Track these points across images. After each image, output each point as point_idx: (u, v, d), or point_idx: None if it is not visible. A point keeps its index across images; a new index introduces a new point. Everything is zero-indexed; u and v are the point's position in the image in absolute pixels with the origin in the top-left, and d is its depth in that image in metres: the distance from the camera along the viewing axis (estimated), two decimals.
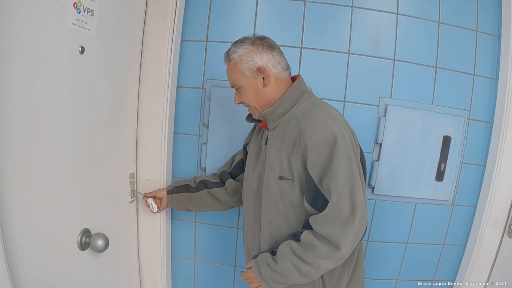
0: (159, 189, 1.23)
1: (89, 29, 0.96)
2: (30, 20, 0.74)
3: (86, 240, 0.99)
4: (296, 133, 0.88)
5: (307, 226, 0.87)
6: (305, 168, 0.87)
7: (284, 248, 0.88)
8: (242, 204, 1.13)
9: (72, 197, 0.93)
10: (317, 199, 0.85)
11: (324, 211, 0.82)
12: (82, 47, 0.94)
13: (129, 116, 1.21)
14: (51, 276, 0.87)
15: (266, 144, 0.97)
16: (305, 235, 0.85)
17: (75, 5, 0.90)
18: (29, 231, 0.78)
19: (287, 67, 0.97)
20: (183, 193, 1.18)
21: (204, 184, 1.17)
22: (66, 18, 0.86)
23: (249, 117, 1.04)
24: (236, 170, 1.17)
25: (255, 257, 0.97)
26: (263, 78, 0.93)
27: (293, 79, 0.99)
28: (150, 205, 1.20)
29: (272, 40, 0.98)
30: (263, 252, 0.97)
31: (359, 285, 1.03)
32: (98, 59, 0.99)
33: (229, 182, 1.15)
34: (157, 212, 1.21)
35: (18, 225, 0.74)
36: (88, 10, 0.95)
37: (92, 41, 0.97)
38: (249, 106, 0.98)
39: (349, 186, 0.82)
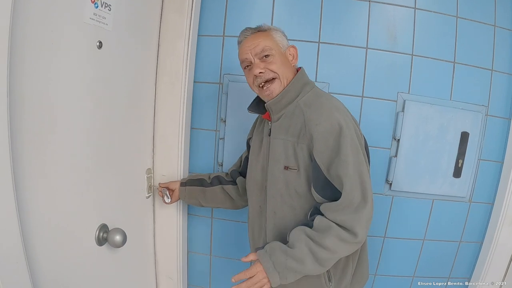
0: (173, 181, 1.23)
1: (106, 24, 0.96)
2: (49, 14, 0.73)
3: (104, 236, 0.99)
4: (301, 122, 0.88)
5: (317, 213, 0.85)
6: (311, 158, 0.87)
7: (298, 233, 0.84)
8: None
9: (89, 192, 0.93)
10: (326, 188, 0.85)
11: (338, 200, 0.82)
12: (100, 42, 0.94)
13: (146, 111, 1.21)
14: (68, 271, 0.87)
15: (269, 135, 0.96)
16: (319, 220, 0.83)
17: (93, 0, 0.90)
18: (47, 226, 0.78)
19: None
20: (196, 187, 1.18)
21: (218, 180, 1.17)
22: (84, 12, 0.85)
23: (252, 107, 1.03)
24: (245, 168, 1.16)
25: (259, 248, 0.88)
26: (292, 56, 0.98)
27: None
28: (164, 195, 1.20)
29: None
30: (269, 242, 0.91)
31: (364, 278, 1.01)
32: (115, 54, 0.99)
33: (240, 179, 1.15)
34: (169, 203, 1.21)
35: (37, 220, 0.74)
36: (106, 5, 0.95)
37: (110, 36, 0.96)
38: (266, 78, 0.93)
39: (358, 173, 0.82)
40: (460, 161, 1.32)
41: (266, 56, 0.93)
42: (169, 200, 1.20)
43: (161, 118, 1.23)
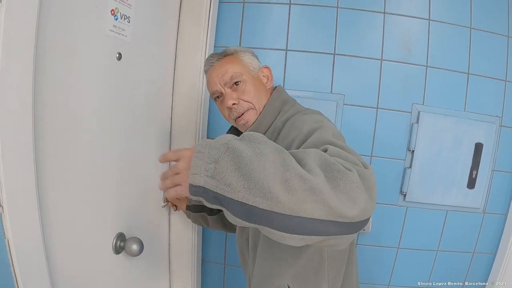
0: (181, 201, 1.19)
1: (125, 36, 0.97)
2: (71, 27, 0.75)
3: (121, 244, 1.00)
4: (279, 143, 0.76)
5: None
6: None
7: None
8: None
9: (108, 201, 0.95)
10: None
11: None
12: (119, 54, 0.95)
13: (163, 121, 1.22)
14: (86, 278, 0.88)
15: None
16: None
17: (113, 12, 0.92)
18: (66, 234, 0.79)
19: None
20: (199, 213, 1.15)
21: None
22: (104, 25, 0.87)
23: (231, 132, 0.96)
24: None
25: None
26: (267, 78, 0.91)
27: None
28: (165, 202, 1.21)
29: None
30: None
31: None
32: (134, 65, 1.01)
33: None
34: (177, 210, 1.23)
35: (57, 228, 0.75)
36: (125, 17, 0.97)
37: (129, 47, 0.98)
38: (241, 111, 0.85)
39: (345, 146, 0.62)
40: (474, 172, 1.32)
41: (237, 83, 0.85)
42: (165, 204, 1.21)
43: (178, 129, 1.24)
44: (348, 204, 0.48)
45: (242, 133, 0.82)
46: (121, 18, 0.95)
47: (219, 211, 1.11)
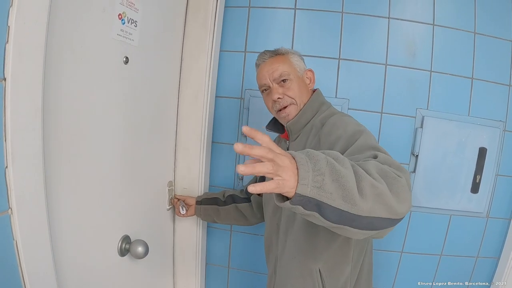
0: (190, 196, 1.25)
1: (132, 40, 0.98)
2: (79, 31, 0.76)
3: (126, 247, 1.01)
4: (317, 140, 0.89)
5: None
6: None
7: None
8: (264, 220, 1.11)
9: (114, 204, 0.95)
10: None
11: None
12: (126, 57, 0.96)
13: (169, 124, 1.23)
14: (91, 280, 0.89)
15: None
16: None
17: (120, 16, 0.92)
18: (73, 236, 0.80)
19: None
20: (211, 205, 1.20)
21: (232, 198, 1.19)
22: (112, 29, 0.88)
23: (270, 126, 1.06)
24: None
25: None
26: (309, 80, 1.00)
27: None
28: (180, 207, 1.21)
29: None
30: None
31: None
32: (140, 69, 1.02)
33: (254, 198, 1.17)
34: (183, 215, 1.23)
35: (63, 230, 0.76)
36: (132, 21, 0.97)
37: (136, 51, 0.99)
38: (284, 105, 0.94)
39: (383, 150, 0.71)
40: (478, 176, 1.32)
41: (284, 80, 0.95)
42: (184, 212, 1.22)
43: (183, 132, 1.25)
44: (401, 203, 0.58)
45: (281, 124, 1.00)
46: (128, 22, 0.96)
47: (231, 202, 1.17)
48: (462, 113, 1.30)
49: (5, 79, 0.57)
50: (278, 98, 0.94)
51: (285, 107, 0.95)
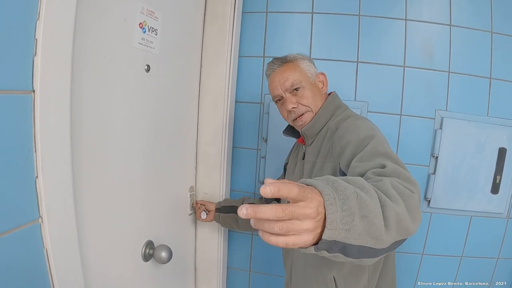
0: (210, 202, 1.26)
1: (153, 48, 1.00)
2: (102, 41, 0.77)
3: (150, 252, 1.02)
4: (330, 143, 0.88)
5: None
6: (336, 174, 0.83)
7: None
8: None
9: (138, 210, 0.97)
10: None
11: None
12: (148, 66, 0.98)
13: (190, 130, 1.25)
14: (116, 285, 0.90)
15: (303, 159, 0.98)
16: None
17: (141, 25, 0.94)
18: (99, 243, 0.82)
19: None
20: (229, 214, 1.20)
21: None
22: (133, 38, 0.89)
23: (287, 131, 1.06)
24: None
25: None
26: (322, 83, 0.99)
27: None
28: (202, 211, 1.23)
29: None
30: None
31: None
32: (161, 77, 1.03)
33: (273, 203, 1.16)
34: (204, 220, 1.24)
35: (90, 237, 0.78)
36: (153, 30, 0.99)
37: (156, 59, 1.00)
38: (299, 113, 0.94)
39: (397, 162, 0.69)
40: (498, 177, 1.31)
41: (296, 89, 0.94)
42: (205, 217, 1.23)
43: (204, 137, 1.26)
44: (414, 223, 0.54)
45: (297, 131, 1.00)
46: (149, 31, 0.97)
47: None
48: (481, 114, 1.30)
49: (34, 91, 0.58)
50: (293, 108, 0.94)
51: (300, 115, 0.94)
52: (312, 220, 0.42)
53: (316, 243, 0.44)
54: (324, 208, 0.43)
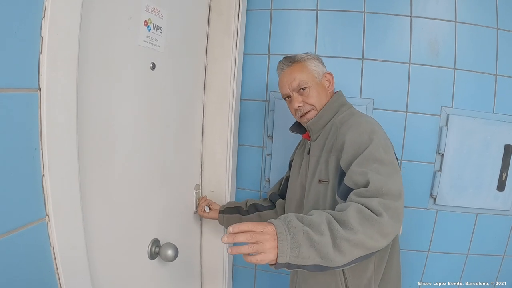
0: (215, 202, 1.26)
1: (158, 46, 0.99)
2: (106, 39, 0.77)
3: (156, 250, 1.02)
4: (334, 138, 0.92)
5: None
6: (339, 167, 0.87)
7: (316, 211, 0.73)
8: None
9: (143, 208, 0.97)
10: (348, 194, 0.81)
11: (367, 187, 0.74)
12: (153, 64, 0.97)
13: (195, 128, 1.24)
14: (122, 283, 0.90)
15: (308, 153, 1.01)
16: (340, 204, 0.76)
17: (146, 23, 0.93)
18: (105, 241, 0.82)
19: None
20: (234, 215, 1.20)
21: (255, 207, 1.20)
22: (138, 36, 0.89)
23: (294, 127, 1.10)
24: (284, 189, 1.18)
25: None
26: (329, 82, 1.03)
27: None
28: (204, 207, 1.22)
29: None
30: None
31: None
32: (167, 74, 1.03)
33: (279, 202, 1.18)
34: (206, 216, 1.23)
35: (97, 235, 0.78)
36: (157, 27, 0.98)
37: (162, 57, 1.00)
38: (305, 111, 0.99)
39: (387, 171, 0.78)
40: (504, 174, 1.31)
41: (303, 89, 0.98)
42: (208, 211, 1.23)
43: (209, 135, 1.26)
44: (382, 240, 0.69)
45: (303, 127, 1.05)
46: (154, 29, 0.97)
47: (253, 211, 1.20)
48: (487, 110, 1.29)
49: (40, 89, 0.57)
50: (299, 106, 0.99)
51: (306, 113, 0.99)
52: (274, 241, 0.64)
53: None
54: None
